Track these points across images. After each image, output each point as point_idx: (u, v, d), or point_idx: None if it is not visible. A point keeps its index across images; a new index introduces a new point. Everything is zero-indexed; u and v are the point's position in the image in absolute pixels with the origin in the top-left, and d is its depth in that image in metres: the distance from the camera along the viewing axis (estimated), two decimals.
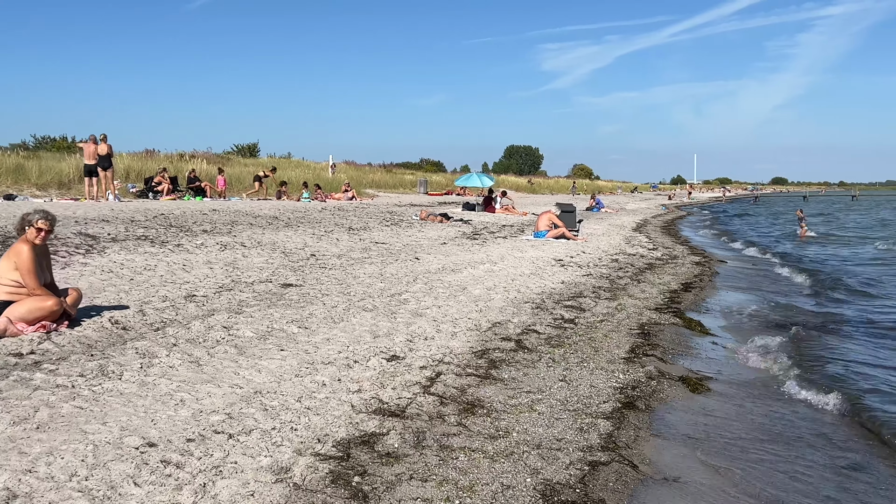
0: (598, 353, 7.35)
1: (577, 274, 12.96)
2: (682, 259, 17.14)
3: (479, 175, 35.15)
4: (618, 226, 29.03)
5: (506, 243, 17.78)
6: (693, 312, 10.35)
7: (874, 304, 12.11)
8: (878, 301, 12.54)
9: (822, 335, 9.32)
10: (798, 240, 28.61)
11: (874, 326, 10.09)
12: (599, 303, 10.25)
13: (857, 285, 14.46)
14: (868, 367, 7.72)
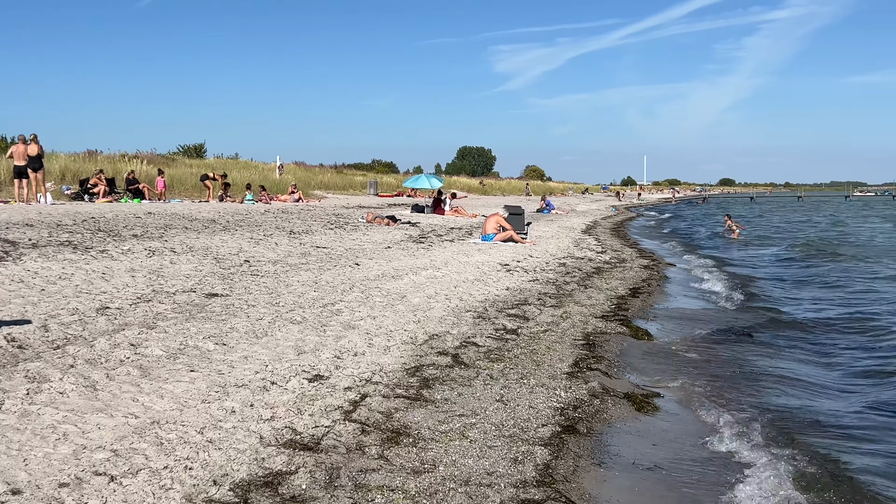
0: (539, 367, 6.89)
1: (523, 279, 12.52)
2: (630, 262, 16.84)
3: (427, 176, 34.60)
4: (567, 228, 28.78)
5: (452, 247, 17.30)
6: (640, 320, 9.97)
7: (806, 304, 11.89)
8: (808, 301, 12.33)
9: (758, 338, 9.01)
10: (732, 241, 28.80)
11: (812, 326, 9.84)
12: (544, 311, 9.81)
13: (791, 287, 14.35)
14: (815, 369, 7.40)
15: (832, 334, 9.76)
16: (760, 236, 31.68)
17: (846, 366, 8.06)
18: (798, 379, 7.37)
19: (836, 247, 24.98)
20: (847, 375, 7.65)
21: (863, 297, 13.10)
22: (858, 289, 14.19)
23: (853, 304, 12.17)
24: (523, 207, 21.87)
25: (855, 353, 8.70)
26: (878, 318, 10.79)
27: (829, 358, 8.40)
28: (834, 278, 15.94)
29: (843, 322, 10.61)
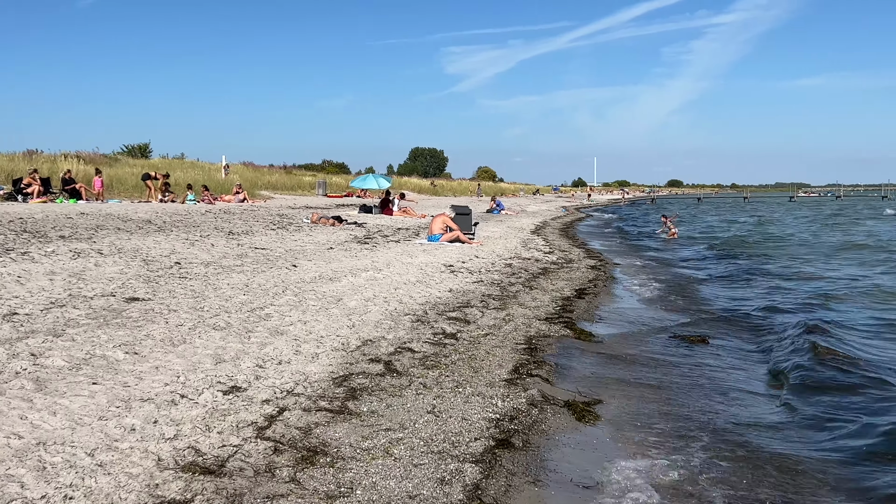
0: (477, 374, 6.49)
1: (467, 281, 12.14)
2: (577, 263, 16.59)
3: (375, 176, 34.06)
4: (516, 228, 28.53)
5: (397, 248, 16.86)
6: (585, 322, 9.66)
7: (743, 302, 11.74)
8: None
9: (707, 335, 8.76)
10: (669, 240, 28.93)
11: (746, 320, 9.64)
12: (487, 313, 9.43)
13: (727, 286, 14.29)
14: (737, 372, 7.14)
15: (770, 335, 9.56)
16: (692, 236, 32.01)
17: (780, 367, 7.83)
18: (737, 387, 7.10)
19: (758, 244, 26.56)
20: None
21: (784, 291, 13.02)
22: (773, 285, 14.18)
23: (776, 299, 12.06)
24: (471, 208, 21.51)
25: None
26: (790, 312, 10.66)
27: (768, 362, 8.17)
28: (766, 275, 15.91)
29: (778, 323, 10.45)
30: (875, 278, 15.68)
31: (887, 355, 8.32)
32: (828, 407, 6.28)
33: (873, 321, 10.54)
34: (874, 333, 9.68)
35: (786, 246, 26.30)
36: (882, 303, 12.25)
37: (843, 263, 19.47)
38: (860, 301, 12.43)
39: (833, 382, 7.00)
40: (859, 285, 14.43)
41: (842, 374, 7.25)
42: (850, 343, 8.79)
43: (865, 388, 6.82)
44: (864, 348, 8.63)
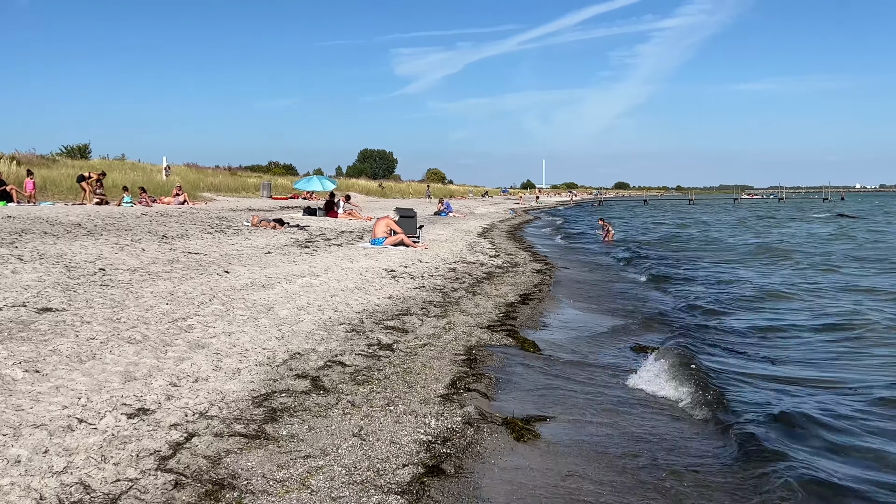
0: (411, 390, 6.09)
1: (408, 286, 11.73)
2: (523, 267, 16.30)
3: (319, 178, 33.39)
4: (463, 231, 28.20)
5: (338, 252, 16.36)
6: (529, 329, 9.32)
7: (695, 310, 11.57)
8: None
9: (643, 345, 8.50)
10: (607, 243, 29.01)
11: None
12: (427, 321, 9.04)
13: (671, 287, 14.16)
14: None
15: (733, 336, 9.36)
16: (634, 238, 32.19)
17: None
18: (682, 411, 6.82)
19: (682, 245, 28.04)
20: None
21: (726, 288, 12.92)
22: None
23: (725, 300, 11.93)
24: (416, 210, 21.08)
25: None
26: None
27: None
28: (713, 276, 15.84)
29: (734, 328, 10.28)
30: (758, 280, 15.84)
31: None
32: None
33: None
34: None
35: (709, 248, 27.23)
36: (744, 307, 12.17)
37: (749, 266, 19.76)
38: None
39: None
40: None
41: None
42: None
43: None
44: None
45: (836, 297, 13.08)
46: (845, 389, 7.09)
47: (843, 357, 8.70)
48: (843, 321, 10.53)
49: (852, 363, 8.37)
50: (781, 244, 27.84)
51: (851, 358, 8.63)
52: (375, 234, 18.12)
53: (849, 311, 11.28)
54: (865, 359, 8.55)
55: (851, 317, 10.79)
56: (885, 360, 8.39)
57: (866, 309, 11.51)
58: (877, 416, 6.20)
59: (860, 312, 11.11)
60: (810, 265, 19.41)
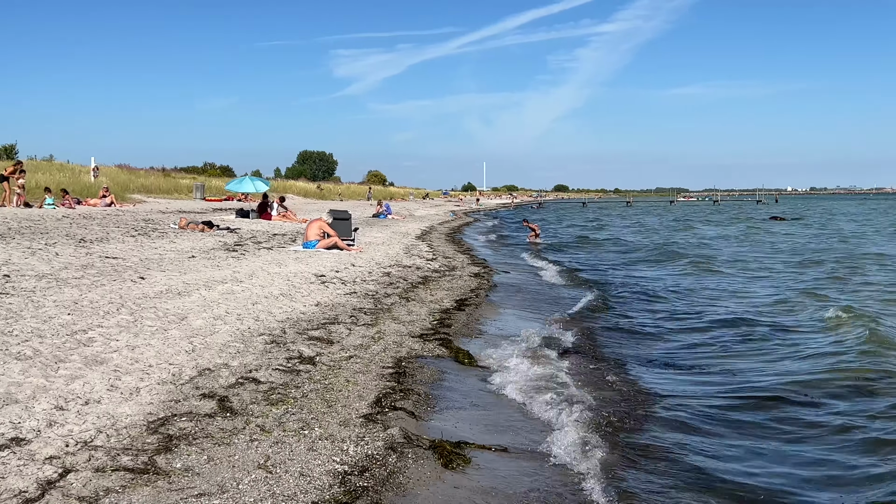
0: (331, 409, 5.52)
1: (338, 293, 11.12)
2: (461, 270, 15.82)
3: (252, 179, 32.41)
4: (402, 233, 27.63)
5: (268, 256, 15.64)
6: (464, 338, 8.82)
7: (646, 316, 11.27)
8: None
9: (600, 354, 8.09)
10: (535, 244, 28.89)
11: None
12: (355, 331, 8.46)
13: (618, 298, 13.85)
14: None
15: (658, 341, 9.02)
16: (565, 242, 32.23)
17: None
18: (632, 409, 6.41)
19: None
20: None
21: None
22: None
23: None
24: (351, 212, 20.42)
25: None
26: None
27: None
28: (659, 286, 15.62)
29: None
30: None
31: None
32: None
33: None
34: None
35: (632, 251, 27.52)
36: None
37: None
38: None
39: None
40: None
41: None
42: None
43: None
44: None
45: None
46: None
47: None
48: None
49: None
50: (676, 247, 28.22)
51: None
52: (307, 236, 17.43)
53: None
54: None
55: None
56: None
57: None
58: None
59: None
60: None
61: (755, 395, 7.05)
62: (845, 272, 18.09)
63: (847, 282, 16.20)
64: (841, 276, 17.26)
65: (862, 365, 8.06)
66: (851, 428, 5.97)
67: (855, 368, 7.97)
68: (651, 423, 6.13)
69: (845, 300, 12.74)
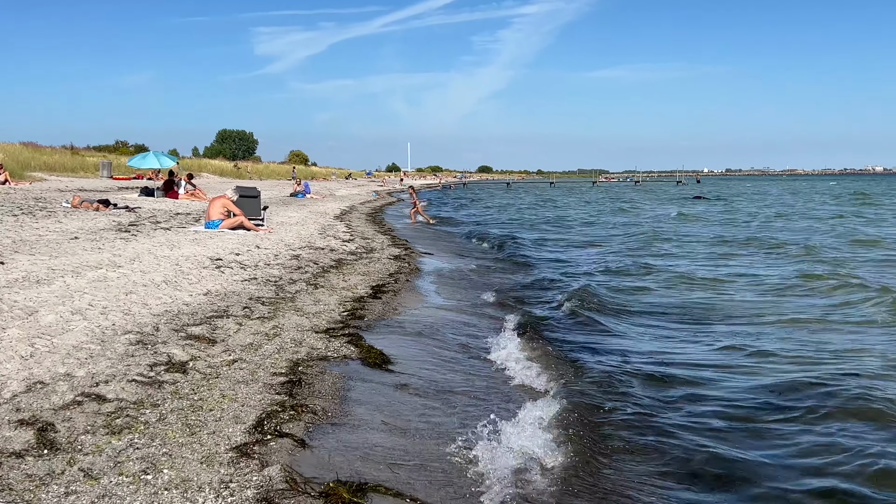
0: (193, 439, 4.16)
1: (235, 279, 9.67)
2: (379, 252, 14.48)
3: (156, 154, 30.20)
4: (319, 213, 26.07)
5: (163, 237, 14.00)
6: (377, 334, 7.51)
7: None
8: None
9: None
10: (412, 215, 28.32)
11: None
12: (246, 326, 7.07)
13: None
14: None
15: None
16: (492, 219, 31.15)
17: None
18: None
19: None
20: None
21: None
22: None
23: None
24: (260, 190, 18.79)
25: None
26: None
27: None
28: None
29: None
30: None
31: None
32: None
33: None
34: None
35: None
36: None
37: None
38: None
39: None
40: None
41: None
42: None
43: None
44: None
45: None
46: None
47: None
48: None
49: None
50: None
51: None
52: (209, 215, 15.79)
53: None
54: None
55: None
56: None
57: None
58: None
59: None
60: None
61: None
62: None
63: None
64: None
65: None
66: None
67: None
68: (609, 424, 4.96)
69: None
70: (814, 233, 23.54)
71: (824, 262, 15.03)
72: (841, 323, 9.00)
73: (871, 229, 24.44)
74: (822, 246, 18.38)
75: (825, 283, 11.72)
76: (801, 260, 15.58)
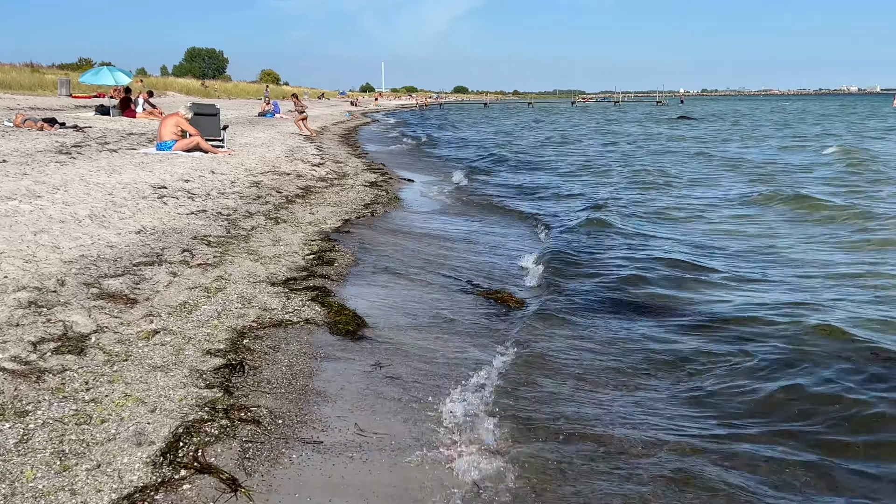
0: (62, 479, 2.68)
1: (180, 211, 8.08)
2: (353, 178, 12.88)
3: (111, 70, 27.96)
4: (288, 134, 24.19)
5: (106, 160, 12.26)
6: (349, 285, 6.01)
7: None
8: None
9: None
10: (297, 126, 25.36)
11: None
12: (181, 277, 5.53)
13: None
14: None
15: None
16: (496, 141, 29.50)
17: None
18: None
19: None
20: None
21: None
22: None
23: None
24: (218, 107, 16.90)
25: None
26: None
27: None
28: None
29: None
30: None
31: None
32: None
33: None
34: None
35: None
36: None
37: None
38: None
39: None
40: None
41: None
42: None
43: None
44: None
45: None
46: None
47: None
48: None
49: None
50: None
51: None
52: (161, 136, 14.01)
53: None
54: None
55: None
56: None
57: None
58: None
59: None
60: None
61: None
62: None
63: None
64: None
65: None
66: None
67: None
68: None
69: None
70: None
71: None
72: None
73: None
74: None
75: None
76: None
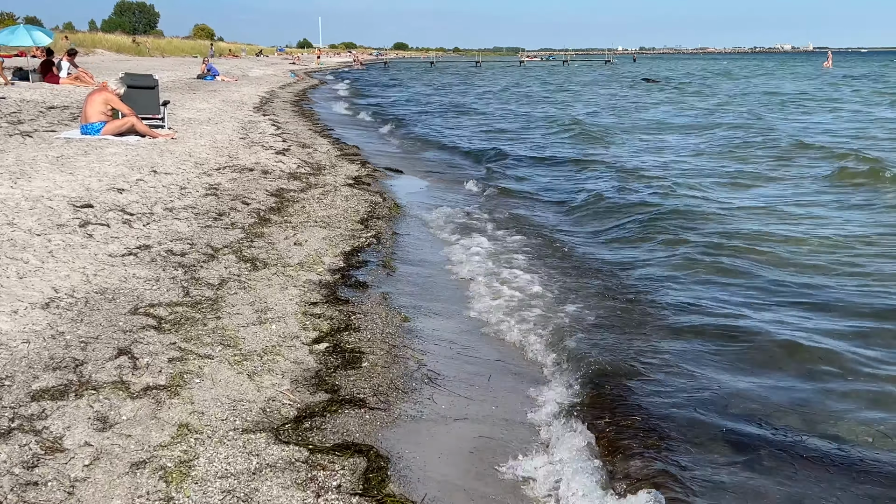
0: None
1: (111, 252, 5.53)
2: (331, 172, 10.35)
3: (28, 28, 24.44)
4: (235, 103, 21.33)
5: (12, 153, 9.52)
6: (397, 423, 3.63)
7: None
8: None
9: None
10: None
11: None
12: (114, 429, 3.10)
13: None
14: None
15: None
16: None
17: None
18: None
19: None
20: None
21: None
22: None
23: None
24: (156, 77, 14.07)
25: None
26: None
27: None
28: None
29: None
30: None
31: None
32: None
33: None
34: None
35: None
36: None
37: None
38: None
39: None
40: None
41: None
42: None
43: None
44: None
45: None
46: None
47: None
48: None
49: None
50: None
51: None
52: (86, 116, 11.20)
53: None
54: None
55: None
56: None
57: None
58: None
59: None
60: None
61: None
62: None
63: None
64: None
65: None
66: None
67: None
68: None
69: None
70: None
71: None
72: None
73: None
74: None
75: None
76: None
